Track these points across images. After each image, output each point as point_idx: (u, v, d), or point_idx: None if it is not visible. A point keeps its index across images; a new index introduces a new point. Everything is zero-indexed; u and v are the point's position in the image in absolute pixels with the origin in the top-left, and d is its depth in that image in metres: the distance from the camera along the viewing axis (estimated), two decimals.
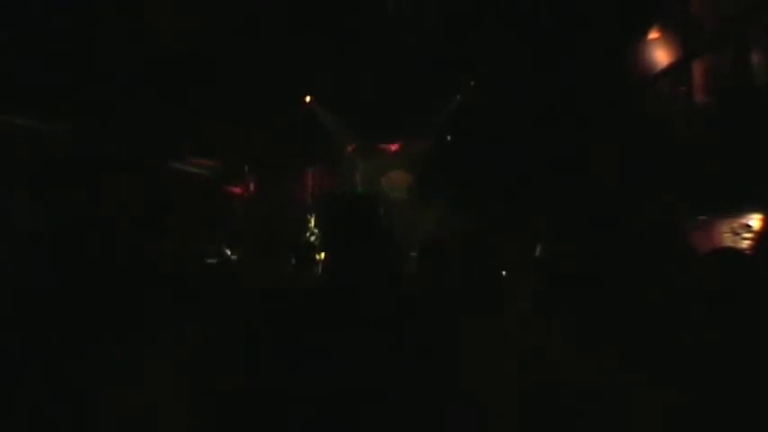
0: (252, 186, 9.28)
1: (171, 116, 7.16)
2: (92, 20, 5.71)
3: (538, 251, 3.56)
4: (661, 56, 6.12)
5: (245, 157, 8.96)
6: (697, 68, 5.52)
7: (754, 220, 5.24)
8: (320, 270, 8.16)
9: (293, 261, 5.70)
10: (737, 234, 5.37)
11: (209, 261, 7.01)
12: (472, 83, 9.40)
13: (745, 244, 5.14)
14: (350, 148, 10.52)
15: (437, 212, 10.19)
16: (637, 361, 1.88)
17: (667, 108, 6.16)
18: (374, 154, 10.62)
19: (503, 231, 5.61)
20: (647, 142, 6.20)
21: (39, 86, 5.62)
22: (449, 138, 10.05)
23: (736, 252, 2.47)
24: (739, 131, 4.90)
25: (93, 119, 6.27)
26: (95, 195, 5.93)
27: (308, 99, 9.65)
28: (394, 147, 10.78)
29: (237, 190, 8.95)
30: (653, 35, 6.24)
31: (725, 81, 5.19)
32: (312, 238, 8.60)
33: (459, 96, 9.82)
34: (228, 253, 7.09)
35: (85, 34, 5.72)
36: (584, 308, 2.11)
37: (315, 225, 8.73)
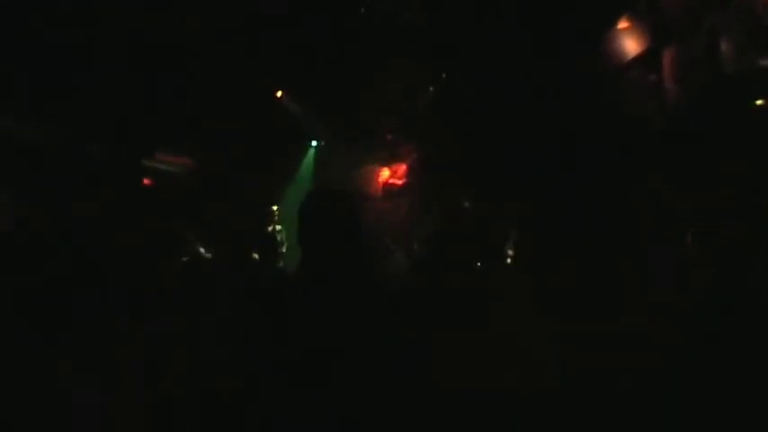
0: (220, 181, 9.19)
1: (145, 113, 7.05)
2: (74, 19, 5.57)
3: (528, 246, 3.59)
4: (631, 45, 6.21)
5: (217, 153, 8.87)
6: (667, 57, 5.61)
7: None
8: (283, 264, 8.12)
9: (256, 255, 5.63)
10: None
11: (184, 259, 6.91)
12: (444, 75, 9.42)
13: None
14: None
15: (415, 207, 10.23)
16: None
17: (638, 97, 6.26)
18: (347, 149, 10.59)
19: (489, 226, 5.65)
20: (620, 131, 6.29)
21: (19, 87, 5.48)
22: (422, 132, 10.08)
23: None
24: (710, 120, 5.01)
25: (71, 118, 6.14)
26: (75, 194, 5.81)
27: (279, 94, 9.56)
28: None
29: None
30: (622, 24, 6.32)
31: (695, 69, 5.29)
32: (276, 231, 8.52)
33: (432, 89, 9.83)
34: (203, 251, 7.00)
35: (64, 34, 5.59)
36: (579, 304, 2.13)
37: (279, 218, 8.66)
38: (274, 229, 8.57)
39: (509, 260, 4.39)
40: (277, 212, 8.65)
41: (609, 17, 6.36)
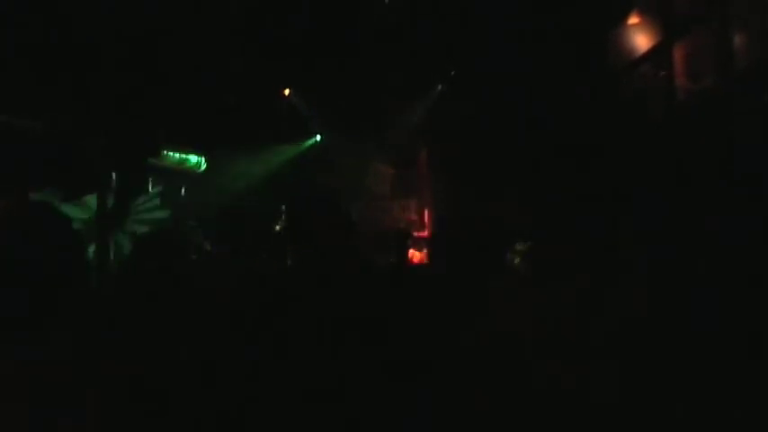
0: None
1: (151, 109, 7.06)
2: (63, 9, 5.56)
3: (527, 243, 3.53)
4: (641, 41, 6.11)
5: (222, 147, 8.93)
6: (678, 52, 5.51)
7: None
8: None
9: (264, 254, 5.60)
10: None
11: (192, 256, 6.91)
12: (453, 72, 9.36)
13: None
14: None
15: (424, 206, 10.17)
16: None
17: (648, 93, 6.15)
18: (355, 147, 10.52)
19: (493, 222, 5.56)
20: (629, 129, 6.19)
21: (10, 81, 5.47)
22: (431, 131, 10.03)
23: None
24: (721, 115, 4.90)
25: (68, 113, 6.13)
26: (72, 191, 5.81)
27: (287, 92, 9.54)
28: None
29: None
30: (632, 20, 6.23)
31: (705, 64, 5.19)
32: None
33: (440, 86, 9.77)
34: (209, 248, 6.99)
35: (57, 25, 5.58)
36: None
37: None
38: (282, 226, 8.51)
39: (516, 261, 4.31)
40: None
41: (618, 12, 6.27)
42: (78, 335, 2.24)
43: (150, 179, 7.96)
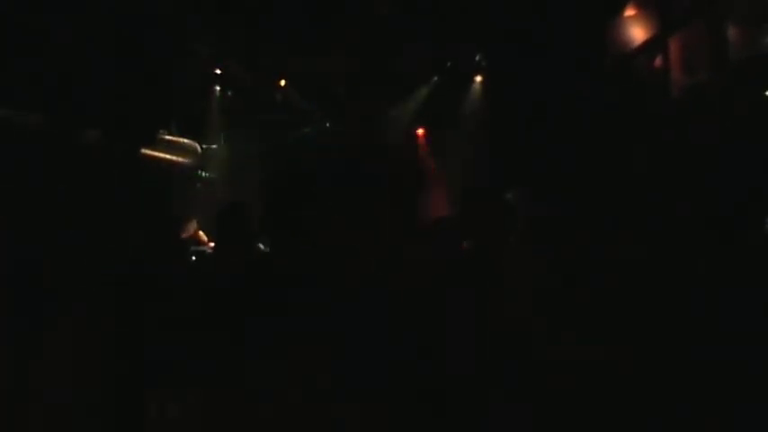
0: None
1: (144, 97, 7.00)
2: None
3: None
4: (638, 33, 6.10)
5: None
6: (674, 45, 5.51)
7: None
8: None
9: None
10: None
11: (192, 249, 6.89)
12: (449, 64, 9.35)
13: None
14: None
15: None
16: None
17: (644, 86, 6.15)
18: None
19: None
20: (624, 122, 6.18)
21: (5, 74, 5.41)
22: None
23: None
24: (715, 108, 4.90)
25: (66, 104, 6.07)
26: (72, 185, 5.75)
27: (282, 83, 9.50)
28: None
29: None
30: (629, 12, 6.22)
31: (700, 57, 5.19)
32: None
33: (435, 78, 9.75)
34: (206, 239, 6.99)
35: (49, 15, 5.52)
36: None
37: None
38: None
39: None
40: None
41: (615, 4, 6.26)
42: None
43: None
